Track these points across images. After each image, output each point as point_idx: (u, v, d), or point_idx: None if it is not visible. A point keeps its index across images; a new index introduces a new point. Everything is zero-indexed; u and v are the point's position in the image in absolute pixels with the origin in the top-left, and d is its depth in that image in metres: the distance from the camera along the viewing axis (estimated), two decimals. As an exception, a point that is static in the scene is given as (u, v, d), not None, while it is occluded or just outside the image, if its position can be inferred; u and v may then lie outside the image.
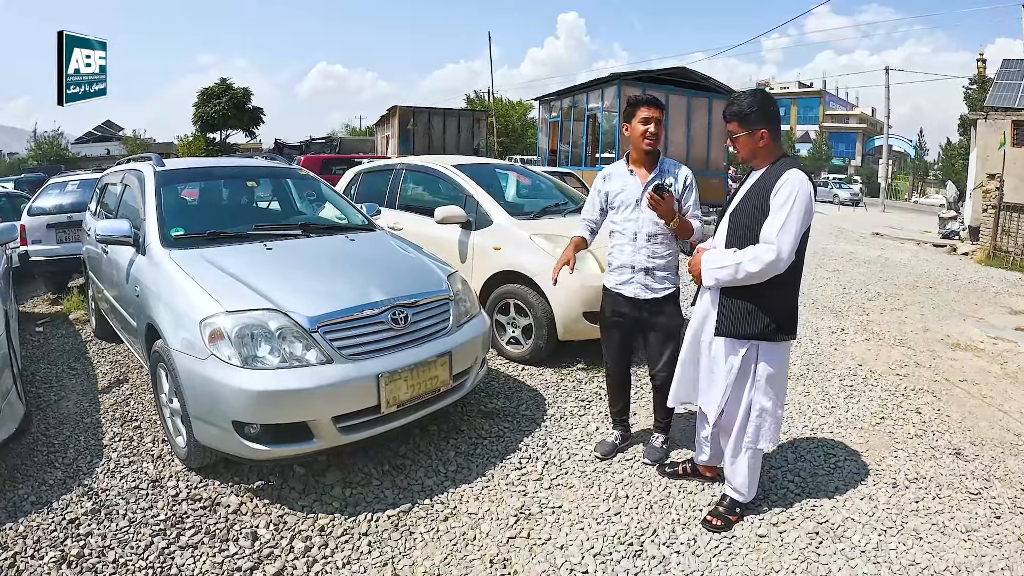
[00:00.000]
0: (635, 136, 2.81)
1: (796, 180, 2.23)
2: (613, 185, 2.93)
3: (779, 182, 2.24)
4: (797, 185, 2.22)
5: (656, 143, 2.81)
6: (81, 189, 7.07)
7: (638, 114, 2.79)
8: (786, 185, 2.23)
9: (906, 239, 14.09)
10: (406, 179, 5.64)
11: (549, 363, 4.38)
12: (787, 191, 2.22)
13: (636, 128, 2.80)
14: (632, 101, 2.83)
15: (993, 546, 2.47)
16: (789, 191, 2.21)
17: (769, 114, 2.35)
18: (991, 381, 4.37)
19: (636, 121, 2.80)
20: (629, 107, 2.83)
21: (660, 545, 2.44)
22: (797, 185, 2.22)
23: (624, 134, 2.90)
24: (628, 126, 2.85)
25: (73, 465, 2.98)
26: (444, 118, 21.15)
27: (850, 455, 3.21)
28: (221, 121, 36.88)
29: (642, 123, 2.78)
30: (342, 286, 2.97)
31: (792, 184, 2.22)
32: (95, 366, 4.34)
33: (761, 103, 2.35)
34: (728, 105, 2.42)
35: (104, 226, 3.34)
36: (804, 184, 2.23)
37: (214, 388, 2.50)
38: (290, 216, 4.40)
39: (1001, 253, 10.81)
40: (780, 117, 2.46)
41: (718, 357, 2.46)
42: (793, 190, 2.21)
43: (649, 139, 2.79)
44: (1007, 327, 5.94)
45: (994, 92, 16.03)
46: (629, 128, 2.84)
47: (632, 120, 2.82)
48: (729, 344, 2.41)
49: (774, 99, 2.49)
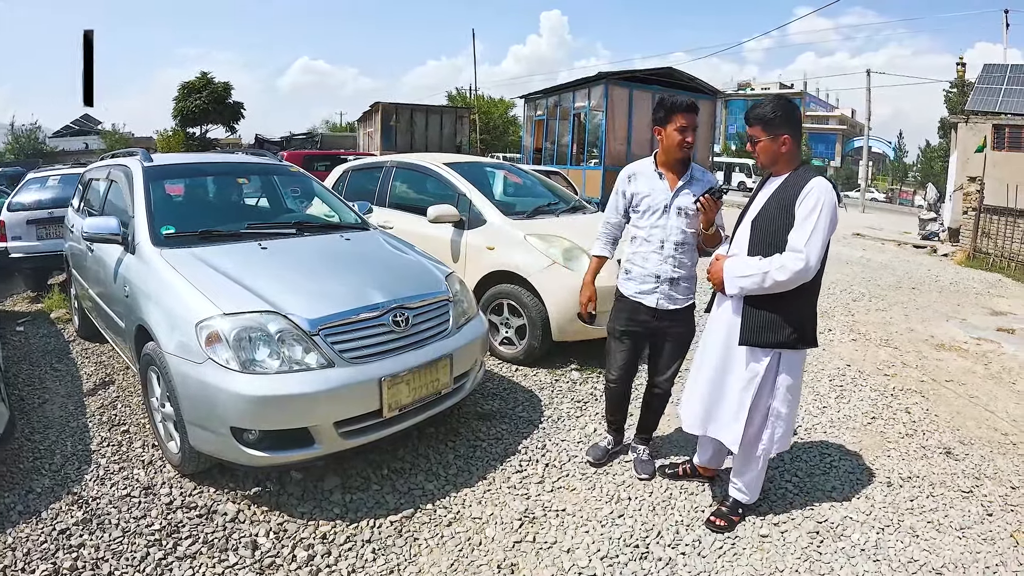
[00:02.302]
0: (672, 143, 2.68)
1: (822, 189, 2.23)
2: (640, 187, 2.78)
3: (804, 190, 2.24)
4: (823, 194, 2.22)
5: (691, 150, 2.72)
6: (62, 184, 6.89)
7: (675, 120, 2.65)
8: (812, 193, 2.22)
9: (887, 240, 14.30)
10: (396, 177, 5.57)
11: (543, 364, 4.36)
12: (813, 200, 2.22)
13: (672, 135, 2.67)
14: (669, 106, 2.67)
15: (987, 543, 2.52)
16: (816, 200, 2.21)
17: (793, 120, 2.34)
18: (976, 381, 4.46)
19: (672, 128, 2.66)
20: (665, 112, 2.68)
21: (666, 547, 2.45)
22: (823, 194, 2.22)
23: (657, 138, 2.76)
24: (662, 131, 2.70)
25: (61, 472, 2.88)
26: (427, 115, 21.14)
27: (844, 455, 3.24)
28: (201, 116, 36.25)
29: (679, 131, 2.64)
30: (341, 287, 2.91)
31: (818, 193, 2.22)
32: (79, 367, 4.22)
33: (786, 109, 2.34)
34: (752, 108, 2.40)
35: (91, 223, 3.24)
36: (830, 193, 2.24)
37: (211, 393, 2.43)
38: (282, 214, 4.32)
39: (981, 254, 11.05)
40: (802, 125, 2.46)
41: (741, 368, 2.44)
42: (820, 199, 2.21)
43: (686, 148, 2.67)
44: (989, 328, 6.06)
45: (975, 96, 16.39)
46: (663, 133, 2.69)
47: (667, 126, 2.68)
48: (751, 353, 2.40)
49: (798, 106, 2.49)
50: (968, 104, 16.38)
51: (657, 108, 2.74)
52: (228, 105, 37.28)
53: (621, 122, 12.54)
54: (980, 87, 16.61)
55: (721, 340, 2.49)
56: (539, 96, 15.78)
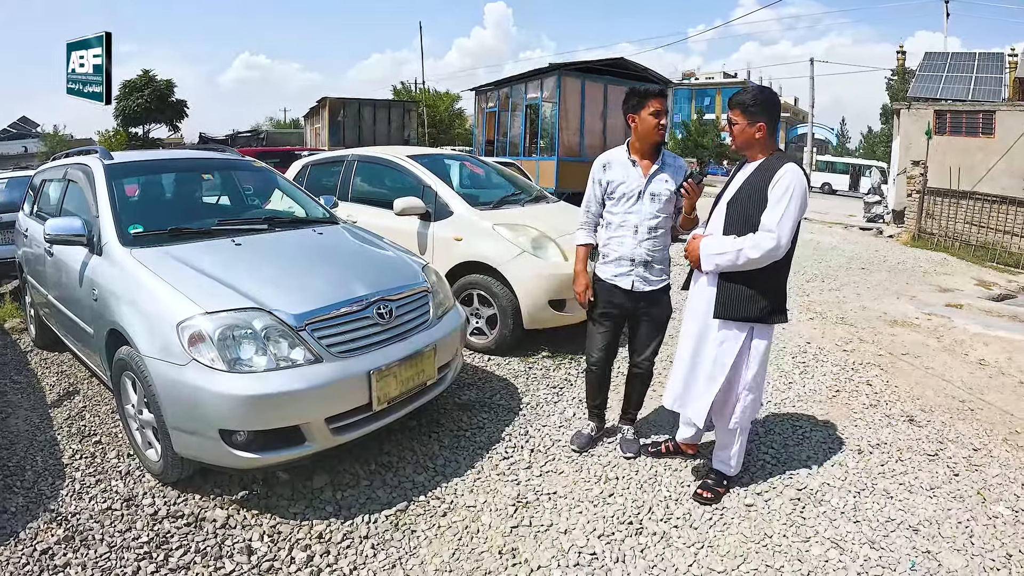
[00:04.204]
0: (647, 128, 2.76)
1: (794, 174, 2.36)
2: (614, 174, 2.86)
3: (777, 175, 2.37)
4: (795, 179, 2.35)
5: (665, 133, 2.82)
6: (8, 189, 6.56)
7: (649, 105, 2.74)
8: (785, 177, 2.36)
9: (834, 223, 14.89)
10: (358, 171, 5.50)
11: (515, 352, 4.40)
12: (786, 183, 2.35)
13: (647, 120, 2.75)
14: (642, 93, 2.78)
15: (956, 500, 2.70)
16: (788, 183, 2.34)
17: (771, 110, 2.47)
18: (931, 353, 4.71)
19: (647, 113, 2.75)
20: (639, 98, 2.77)
21: (658, 521, 2.53)
22: (795, 179, 2.35)
23: (631, 125, 2.83)
24: (636, 117, 2.78)
25: (34, 489, 2.74)
26: (374, 109, 21.05)
27: (815, 426, 3.40)
28: (144, 115, 35.04)
29: (654, 115, 2.74)
30: (322, 281, 2.88)
31: (790, 177, 2.35)
32: (40, 378, 4.03)
33: (766, 98, 2.47)
34: (736, 94, 2.51)
35: (54, 224, 3.10)
36: (801, 177, 2.37)
37: (197, 395, 2.36)
38: (250, 210, 4.23)
39: (926, 235, 11.64)
40: (780, 116, 2.58)
41: (716, 341, 2.55)
42: (792, 183, 2.34)
43: (661, 131, 2.77)
44: (938, 303, 6.40)
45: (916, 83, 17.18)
46: (638, 119, 2.78)
47: (641, 111, 2.76)
48: (726, 327, 2.52)
49: (778, 98, 2.60)
50: (910, 91, 17.16)
51: (629, 97, 2.83)
52: (171, 103, 36.27)
53: (574, 112, 12.60)
54: (921, 75, 17.42)
55: (700, 315, 2.61)
56: (490, 88, 15.67)
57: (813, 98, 31.57)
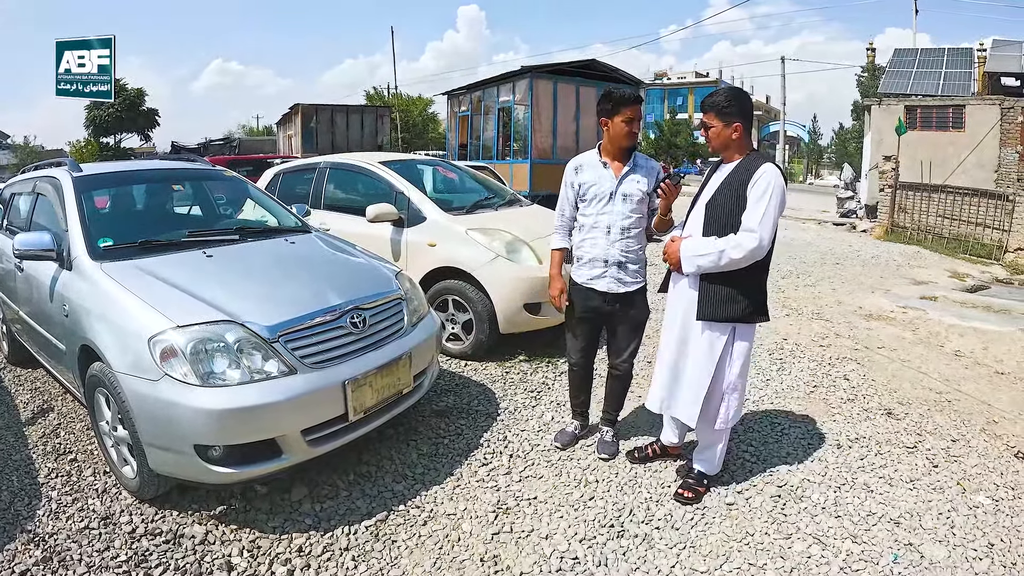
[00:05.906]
0: (618, 133, 2.79)
1: (772, 173, 2.39)
2: (586, 177, 2.88)
3: (756, 175, 2.39)
4: (773, 178, 2.38)
5: (637, 139, 2.87)
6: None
7: (622, 112, 2.77)
8: (763, 177, 2.38)
9: (807, 219, 15.06)
10: (331, 178, 5.47)
11: (491, 357, 4.39)
12: (764, 183, 2.37)
13: (619, 126, 2.78)
14: (617, 99, 2.79)
15: (936, 491, 2.74)
16: (767, 183, 2.37)
17: (745, 110, 2.49)
18: (906, 346, 4.79)
19: (620, 119, 2.77)
20: (613, 104, 2.79)
21: (639, 523, 2.53)
22: (773, 178, 2.38)
23: (603, 128, 2.86)
24: (609, 122, 2.81)
25: (10, 510, 2.67)
26: (347, 115, 21.12)
27: (793, 422, 3.43)
28: (115, 124, 34.45)
29: (626, 122, 2.77)
30: (295, 291, 2.85)
31: (769, 177, 2.38)
32: (13, 396, 3.93)
33: (739, 99, 2.50)
34: (708, 97, 2.54)
35: (22, 240, 3.03)
36: (779, 177, 2.40)
37: (170, 411, 2.32)
38: (220, 220, 4.17)
39: (899, 229, 11.84)
40: (753, 116, 2.61)
41: (700, 342, 2.56)
42: (770, 183, 2.37)
43: (632, 137, 2.81)
44: (912, 296, 6.51)
45: (887, 79, 17.47)
46: (610, 124, 2.81)
47: (615, 117, 2.78)
48: (709, 328, 2.53)
49: (751, 98, 2.63)
50: (880, 87, 17.46)
51: (603, 100, 2.85)
52: (142, 112, 35.74)
53: (546, 115, 12.61)
54: (892, 71, 17.73)
55: (680, 318, 2.62)
56: (462, 92, 15.62)
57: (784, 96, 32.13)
